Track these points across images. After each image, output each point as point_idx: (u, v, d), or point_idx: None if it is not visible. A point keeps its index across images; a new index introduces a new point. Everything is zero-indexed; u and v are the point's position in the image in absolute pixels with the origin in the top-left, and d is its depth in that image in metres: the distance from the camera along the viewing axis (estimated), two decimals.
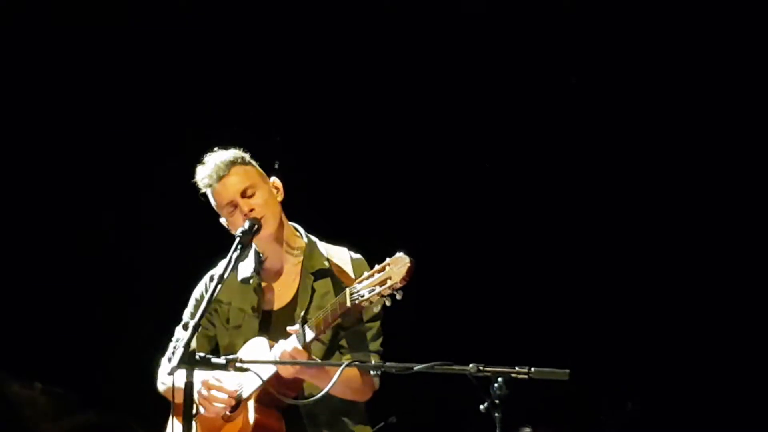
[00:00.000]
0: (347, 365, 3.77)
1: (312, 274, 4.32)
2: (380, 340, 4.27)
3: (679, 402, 6.59)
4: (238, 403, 4.18)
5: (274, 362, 3.98)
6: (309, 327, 4.02)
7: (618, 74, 6.81)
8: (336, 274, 4.26)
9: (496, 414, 3.53)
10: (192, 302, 4.54)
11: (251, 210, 4.23)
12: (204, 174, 4.34)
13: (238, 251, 4.08)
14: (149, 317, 6.30)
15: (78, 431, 6.75)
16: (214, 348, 4.43)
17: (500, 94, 6.92)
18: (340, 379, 3.82)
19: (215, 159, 4.34)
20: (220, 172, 4.29)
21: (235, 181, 4.28)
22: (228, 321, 4.40)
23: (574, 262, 6.84)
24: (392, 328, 4.03)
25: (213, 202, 4.36)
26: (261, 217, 4.22)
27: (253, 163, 4.38)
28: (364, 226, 6.25)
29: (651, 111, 6.82)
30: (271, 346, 4.14)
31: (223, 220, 4.38)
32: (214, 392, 4.17)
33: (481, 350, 3.76)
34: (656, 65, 6.79)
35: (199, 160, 4.43)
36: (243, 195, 4.27)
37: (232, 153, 4.35)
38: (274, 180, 4.38)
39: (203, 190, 4.37)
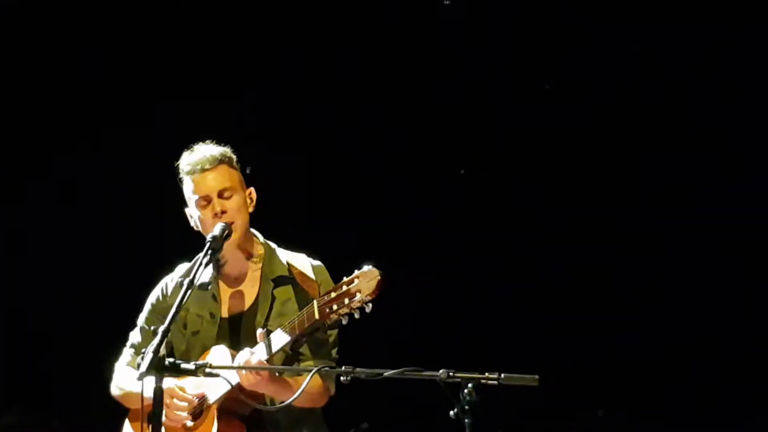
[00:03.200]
0: (318, 370, 3.77)
1: (272, 281, 4.30)
2: (336, 348, 4.28)
3: (650, 409, 6.70)
4: (201, 412, 4.16)
5: (244, 368, 3.96)
6: (274, 338, 4.00)
7: (594, 80, 6.88)
8: (299, 282, 4.26)
9: (466, 420, 3.56)
10: (147, 307, 4.50)
11: (223, 212, 4.20)
12: (189, 160, 4.29)
13: (209, 256, 4.05)
14: (96, 319, 6.27)
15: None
16: (170, 353, 4.36)
17: (475, 100, 6.97)
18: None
19: (205, 150, 4.30)
20: (206, 164, 4.25)
21: (217, 178, 4.25)
22: (185, 326, 4.36)
23: (544, 269, 6.90)
24: (362, 334, 4.04)
25: (188, 190, 4.30)
26: (231, 223, 4.19)
27: (237, 168, 4.34)
28: (331, 233, 6.25)
29: (619, 115, 6.90)
30: (232, 356, 4.12)
31: (188, 210, 4.33)
32: (175, 401, 4.14)
33: (451, 356, 3.79)
34: (630, 72, 6.87)
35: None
36: (220, 195, 4.23)
37: (222, 150, 4.32)
38: (251, 190, 4.35)
39: (182, 176, 4.31)
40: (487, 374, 3.56)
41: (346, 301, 3.84)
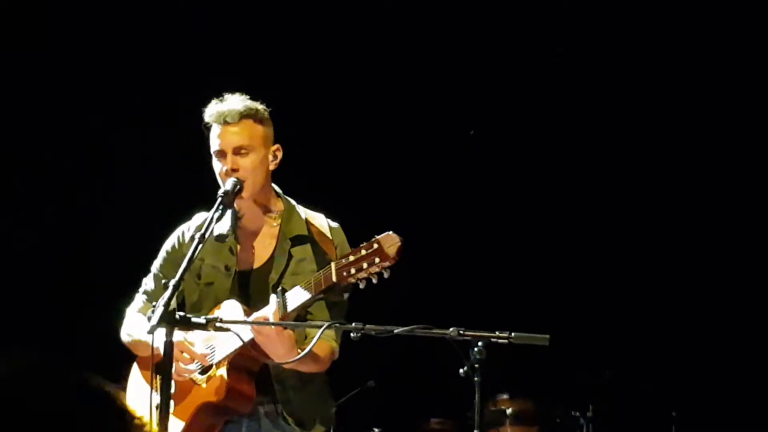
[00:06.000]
0: (329, 326, 3.76)
1: (290, 239, 4.25)
2: (345, 311, 4.23)
3: (657, 369, 6.73)
4: (210, 367, 4.16)
5: (253, 323, 3.94)
6: (290, 297, 3.99)
7: (605, 47, 6.86)
8: (318, 242, 4.22)
9: (476, 378, 3.57)
10: (162, 254, 4.46)
11: (234, 170, 4.14)
12: (215, 110, 4.22)
13: (220, 211, 4.02)
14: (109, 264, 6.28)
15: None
16: (181, 303, 4.31)
17: (482, 64, 6.95)
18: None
19: (232, 103, 4.22)
20: (227, 117, 4.17)
21: (237, 134, 4.17)
22: (199, 277, 4.30)
23: (555, 229, 6.91)
24: (373, 291, 4.02)
25: (209, 139, 4.25)
26: (243, 180, 4.16)
27: (266, 122, 4.25)
28: (343, 195, 6.24)
29: (634, 87, 6.92)
30: (245, 312, 4.09)
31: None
32: (185, 355, 4.14)
33: (462, 314, 3.79)
34: (643, 36, 6.85)
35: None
36: (236, 151, 4.16)
37: (249, 105, 4.22)
38: (277, 146, 4.27)
39: (207, 121, 4.26)
40: (497, 333, 3.57)
41: (365, 265, 3.78)
